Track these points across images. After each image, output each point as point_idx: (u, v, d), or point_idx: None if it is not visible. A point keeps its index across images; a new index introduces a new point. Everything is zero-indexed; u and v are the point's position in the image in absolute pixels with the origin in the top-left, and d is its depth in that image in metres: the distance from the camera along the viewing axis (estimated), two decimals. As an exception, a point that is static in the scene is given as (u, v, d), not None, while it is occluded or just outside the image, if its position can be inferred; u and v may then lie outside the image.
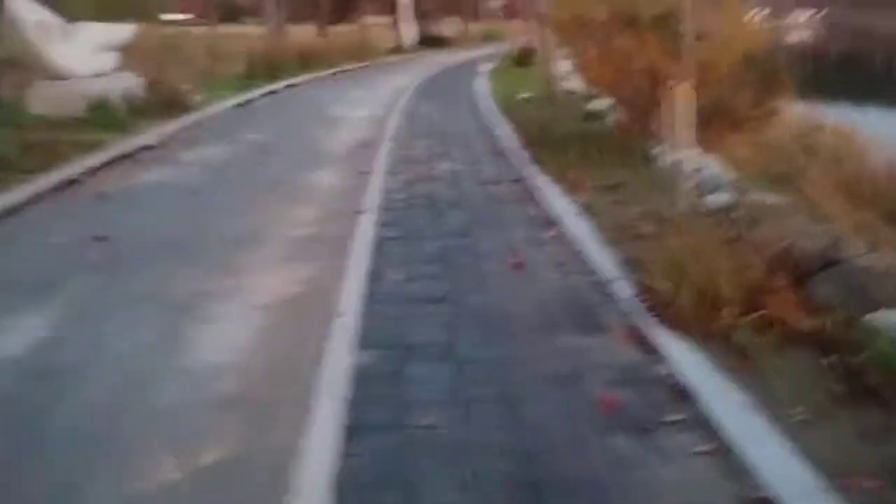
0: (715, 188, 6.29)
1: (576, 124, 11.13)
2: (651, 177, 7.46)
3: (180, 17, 53.38)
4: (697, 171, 6.56)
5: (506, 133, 11.02)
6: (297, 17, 41.04)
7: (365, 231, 6.07)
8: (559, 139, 9.58)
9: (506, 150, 9.77)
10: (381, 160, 9.25)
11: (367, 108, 15.07)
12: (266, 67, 21.54)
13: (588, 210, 6.39)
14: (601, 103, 12.24)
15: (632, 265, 4.93)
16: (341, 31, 37.86)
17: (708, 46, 7.70)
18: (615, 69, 8.46)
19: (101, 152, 9.61)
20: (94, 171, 8.76)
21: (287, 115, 14.16)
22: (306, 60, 24.76)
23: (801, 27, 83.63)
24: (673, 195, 6.22)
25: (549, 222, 6.30)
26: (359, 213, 6.71)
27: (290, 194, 7.68)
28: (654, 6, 7.90)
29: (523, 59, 22.95)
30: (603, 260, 5.15)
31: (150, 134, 11.17)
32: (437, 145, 10.43)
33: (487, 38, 52.83)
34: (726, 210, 5.91)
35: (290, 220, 6.68)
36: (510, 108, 13.68)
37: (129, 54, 15.02)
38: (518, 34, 31.94)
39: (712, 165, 6.92)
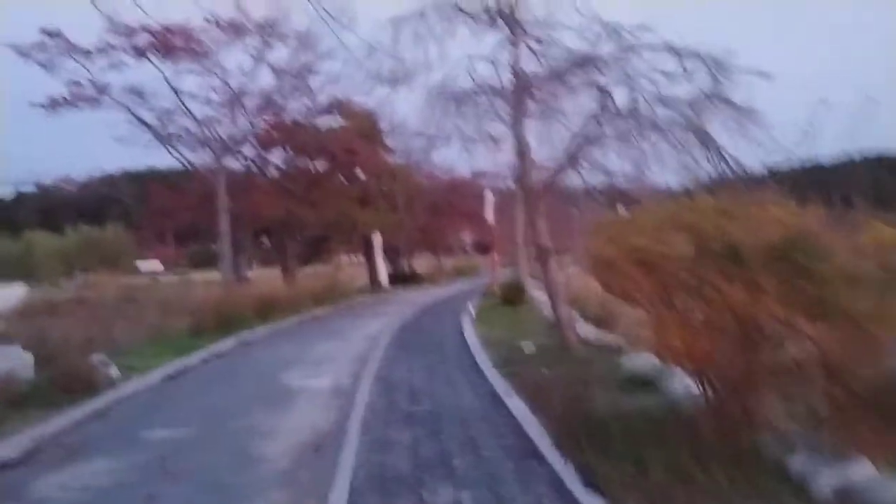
0: None
1: (620, 396, 7.95)
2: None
3: (156, 264, 51.90)
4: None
5: (522, 414, 7.77)
6: (265, 261, 39.14)
7: None
8: (608, 426, 6.34)
9: (534, 451, 6.46)
10: (343, 485, 5.85)
11: (332, 371, 11.88)
12: (217, 321, 18.57)
13: None
14: (644, 361, 9.19)
15: None
16: (310, 272, 35.80)
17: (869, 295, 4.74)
18: (708, 330, 5.42)
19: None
20: None
21: (225, 391, 10.86)
22: (268, 309, 21.93)
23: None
24: None
25: None
26: None
27: None
28: (767, 230, 5.01)
29: (512, 296, 20.29)
30: None
31: (19, 439, 7.79)
32: (429, 443, 7.04)
33: (460, 272, 51.55)
34: None
35: None
36: (514, 366, 10.55)
37: (25, 319, 12.04)
38: (494, 268, 29.82)
39: None
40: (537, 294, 23.22)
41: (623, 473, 5.19)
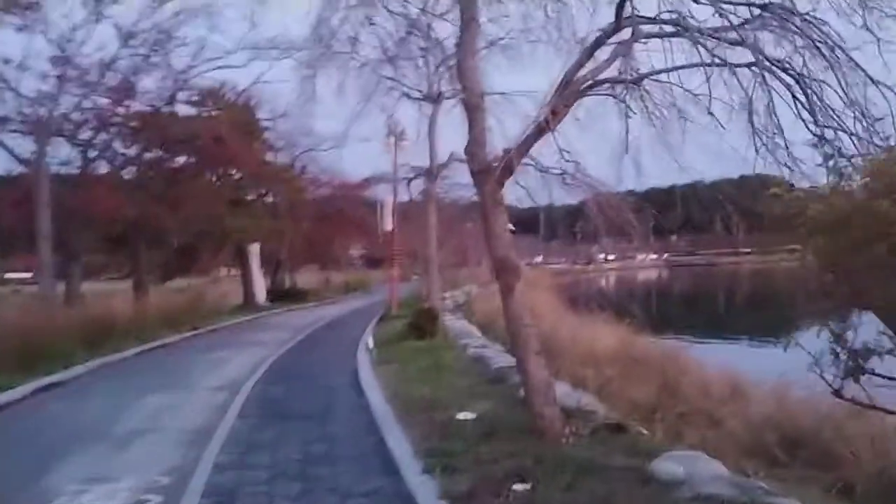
0: None
1: None
2: None
3: (25, 275, 44.40)
4: None
5: None
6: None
7: None
8: None
9: None
10: None
11: (139, 468, 6.91)
12: (23, 353, 13.14)
13: None
14: (712, 476, 4.90)
15: None
16: (180, 286, 30.25)
17: None
18: None
19: None
20: None
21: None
22: (102, 335, 16.50)
23: (648, 267, 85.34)
24: None
25: None
26: None
27: None
28: None
29: (422, 324, 15.67)
30: None
31: None
32: None
33: (351, 288, 46.72)
34: None
35: None
36: (461, 472, 5.96)
37: None
38: (393, 285, 25.25)
39: None
40: (450, 320, 18.84)
41: None
